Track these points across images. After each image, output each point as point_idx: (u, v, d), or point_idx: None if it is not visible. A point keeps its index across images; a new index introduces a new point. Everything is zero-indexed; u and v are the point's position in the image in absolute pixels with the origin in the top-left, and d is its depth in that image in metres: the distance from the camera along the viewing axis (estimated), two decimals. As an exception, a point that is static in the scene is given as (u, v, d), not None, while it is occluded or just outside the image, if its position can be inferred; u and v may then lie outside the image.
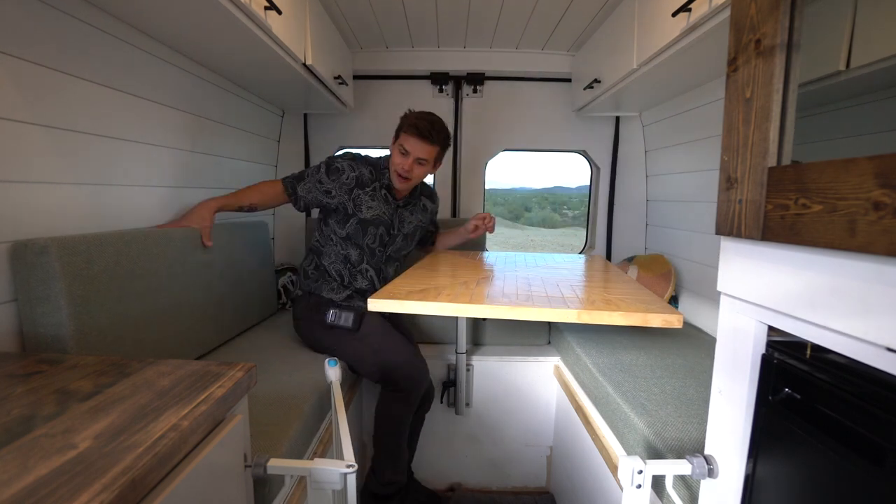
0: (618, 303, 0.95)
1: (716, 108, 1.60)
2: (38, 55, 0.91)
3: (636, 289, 1.13)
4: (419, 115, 1.46)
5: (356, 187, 1.48)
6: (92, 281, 0.95)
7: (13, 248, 0.87)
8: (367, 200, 1.50)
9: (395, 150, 1.48)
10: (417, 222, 1.65)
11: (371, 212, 1.50)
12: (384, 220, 1.53)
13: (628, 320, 0.88)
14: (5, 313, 0.88)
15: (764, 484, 0.66)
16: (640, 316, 0.87)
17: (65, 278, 0.89)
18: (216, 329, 1.46)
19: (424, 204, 1.67)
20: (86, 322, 0.93)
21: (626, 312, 0.88)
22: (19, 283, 0.88)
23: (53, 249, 0.88)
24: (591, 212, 2.46)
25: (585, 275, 1.37)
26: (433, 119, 1.46)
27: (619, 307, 0.91)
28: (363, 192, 1.49)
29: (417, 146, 1.44)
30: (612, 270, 1.48)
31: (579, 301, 0.98)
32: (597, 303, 0.96)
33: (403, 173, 1.47)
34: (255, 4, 1.13)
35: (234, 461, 0.68)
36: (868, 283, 0.46)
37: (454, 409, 1.75)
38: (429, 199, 1.70)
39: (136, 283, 1.08)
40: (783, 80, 0.58)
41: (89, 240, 0.97)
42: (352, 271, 1.55)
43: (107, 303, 0.99)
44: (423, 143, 1.43)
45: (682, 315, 0.87)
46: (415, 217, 1.63)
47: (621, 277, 1.32)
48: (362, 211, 1.49)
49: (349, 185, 1.47)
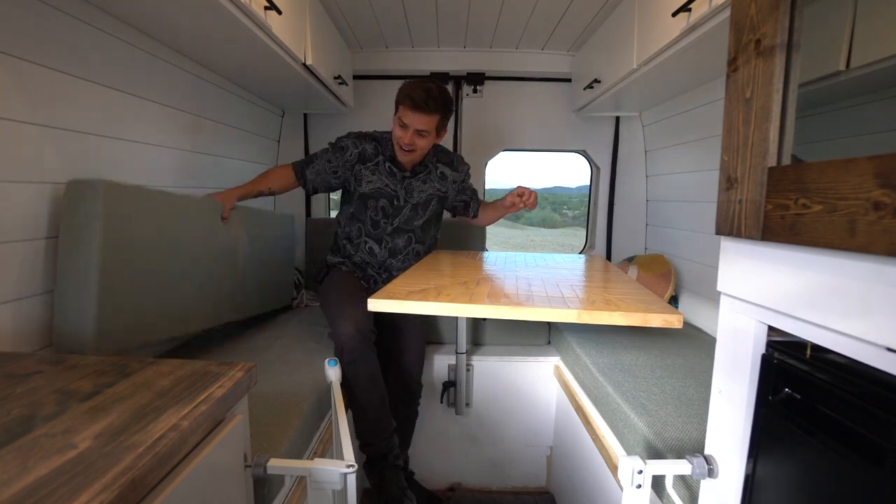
0: (618, 303, 0.95)
1: (716, 108, 1.60)
2: (39, 55, 0.91)
3: (636, 289, 1.12)
4: (413, 85, 1.40)
5: (358, 162, 1.51)
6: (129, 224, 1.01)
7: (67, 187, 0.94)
8: (367, 175, 1.52)
9: (395, 123, 1.45)
10: (433, 191, 1.60)
11: (370, 185, 1.52)
12: (386, 193, 1.53)
13: (628, 320, 0.88)
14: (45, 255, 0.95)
15: (764, 484, 0.66)
16: (640, 316, 0.87)
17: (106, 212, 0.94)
18: (231, 306, 1.49)
19: (443, 172, 1.61)
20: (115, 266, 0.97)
21: (627, 312, 0.88)
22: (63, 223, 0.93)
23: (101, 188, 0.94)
24: (591, 212, 2.46)
25: (585, 275, 1.37)
26: (428, 87, 1.40)
27: (620, 307, 0.91)
28: (364, 167, 1.52)
29: (415, 118, 1.40)
30: (612, 270, 1.48)
31: (579, 301, 0.98)
32: (597, 303, 0.96)
33: (405, 146, 1.45)
34: (255, 4, 1.13)
35: (234, 461, 0.68)
36: (868, 283, 0.46)
37: (454, 409, 1.75)
38: (448, 167, 1.62)
39: (167, 240, 1.14)
40: (783, 80, 0.58)
41: (136, 190, 1.05)
42: (353, 244, 1.61)
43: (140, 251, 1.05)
44: (420, 114, 1.39)
45: (682, 315, 0.87)
46: (429, 186, 1.59)
47: (621, 277, 1.32)
48: (362, 185, 1.52)
49: (352, 162, 1.51)
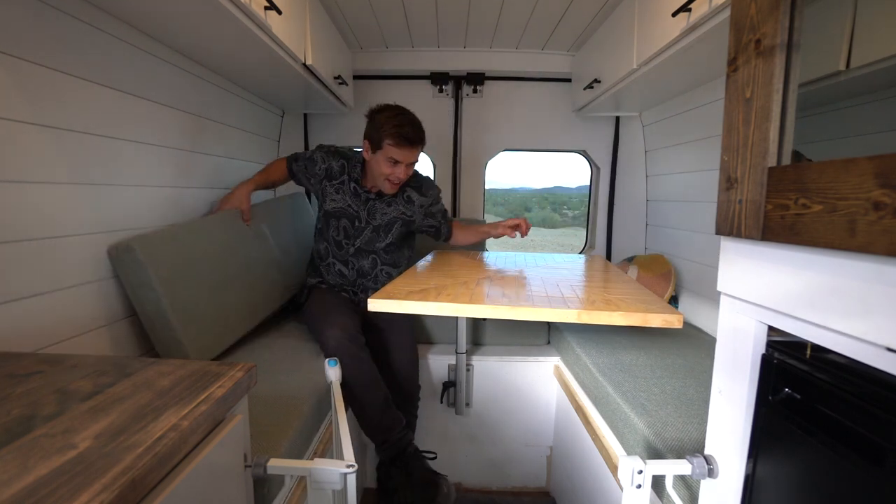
0: (618, 303, 0.95)
1: (716, 108, 1.60)
2: (39, 55, 0.91)
3: (636, 289, 1.13)
4: (398, 120, 1.39)
5: (325, 179, 1.55)
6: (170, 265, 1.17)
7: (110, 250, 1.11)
8: (331, 193, 1.55)
9: (382, 159, 1.43)
10: (397, 214, 1.59)
11: (334, 204, 1.55)
12: (347, 213, 1.55)
13: (628, 320, 0.88)
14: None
15: (764, 484, 0.66)
16: (640, 316, 0.87)
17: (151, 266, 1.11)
18: (277, 295, 1.67)
19: (409, 196, 1.60)
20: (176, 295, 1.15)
21: (626, 312, 0.88)
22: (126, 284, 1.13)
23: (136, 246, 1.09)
24: (591, 212, 2.46)
25: (585, 275, 1.37)
26: (413, 120, 1.42)
27: (619, 307, 0.91)
28: (330, 184, 1.55)
29: (409, 153, 1.42)
30: (611, 270, 1.48)
31: (579, 301, 0.98)
32: (597, 303, 0.96)
33: (397, 181, 1.47)
34: (255, 4, 1.13)
35: (234, 461, 0.68)
36: (868, 283, 0.46)
37: (454, 409, 1.75)
38: (415, 191, 1.60)
39: (200, 262, 1.29)
40: (783, 80, 0.58)
41: (162, 234, 1.20)
42: (324, 264, 1.63)
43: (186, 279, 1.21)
44: (414, 149, 1.43)
45: (682, 315, 0.87)
46: (393, 209, 1.58)
47: (621, 277, 1.32)
48: (326, 203, 1.55)
49: (320, 176, 1.55)
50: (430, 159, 2.38)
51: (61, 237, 0.99)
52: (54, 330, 0.97)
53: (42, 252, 0.94)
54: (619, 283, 1.22)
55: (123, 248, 1.09)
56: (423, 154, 2.34)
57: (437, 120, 2.31)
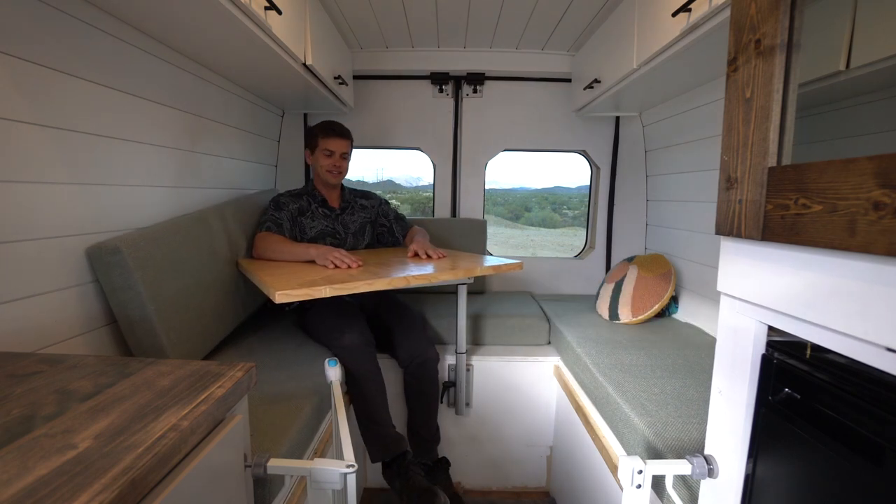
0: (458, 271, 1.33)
1: (716, 108, 1.60)
2: (38, 55, 0.91)
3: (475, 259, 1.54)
4: (327, 122, 1.72)
5: (299, 215, 1.73)
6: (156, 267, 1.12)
7: (89, 251, 1.04)
8: (308, 223, 1.74)
9: (320, 155, 1.70)
10: (363, 220, 1.87)
11: (314, 230, 1.74)
12: (328, 231, 1.76)
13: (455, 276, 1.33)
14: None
15: (764, 484, 0.66)
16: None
17: (137, 269, 1.05)
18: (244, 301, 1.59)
19: (362, 203, 1.89)
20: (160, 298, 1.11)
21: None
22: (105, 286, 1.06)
23: (123, 248, 1.03)
24: (591, 212, 2.46)
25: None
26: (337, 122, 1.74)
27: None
28: (304, 217, 1.74)
29: (338, 143, 1.70)
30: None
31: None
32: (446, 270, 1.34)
33: (335, 170, 1.72)
34: (255, 4, 1.13)
35: (234, 461, 0.68)
36: (868, 283, 0.46)
37: (454, 409, 1.75)
38: (363, 199, 1.91)
39: (185, 263, 1.25)
40: (783, 80, 0.58)
41: (146, 234, 1.13)
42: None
43: (170, 281, 1.17)
44: (342, 140, 1.71)
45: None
46: (357, 216, 1.85)
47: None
48: (307, 232, 1.73)
49: (293, 214, 1.72)
50: (430, 159, 2.38)
51: (62, 237, 0.99)
52: (54, 329, 0.97)
53: (42, 252, 0.94)
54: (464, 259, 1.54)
55: (108, 249, 1.02)
56: (424, 154, 2.36)
57: (437, 120, 2.31)
